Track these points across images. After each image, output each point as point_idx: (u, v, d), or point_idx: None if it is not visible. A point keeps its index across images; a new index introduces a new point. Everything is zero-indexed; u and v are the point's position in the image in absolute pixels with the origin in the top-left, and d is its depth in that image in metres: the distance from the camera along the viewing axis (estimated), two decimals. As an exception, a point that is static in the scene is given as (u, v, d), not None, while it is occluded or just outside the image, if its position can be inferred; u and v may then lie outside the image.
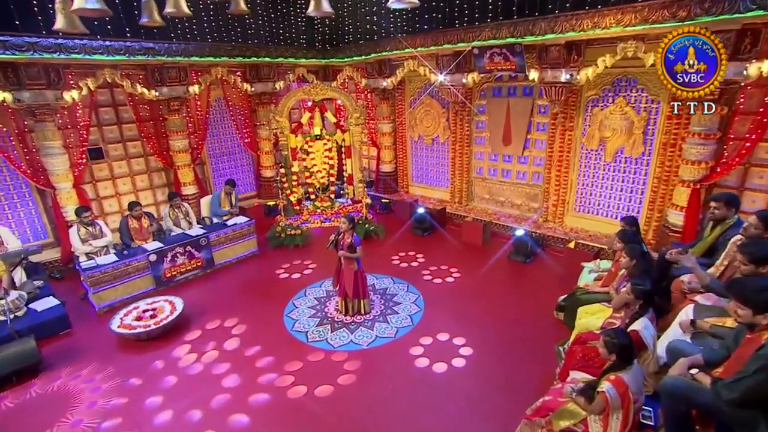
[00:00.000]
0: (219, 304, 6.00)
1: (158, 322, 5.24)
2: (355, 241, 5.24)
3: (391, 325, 5.31)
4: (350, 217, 5.33)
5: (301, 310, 5.77)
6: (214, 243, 7.02)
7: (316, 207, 9.29)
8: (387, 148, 10.04)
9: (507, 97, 7.88)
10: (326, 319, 5.50)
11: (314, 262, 7.14)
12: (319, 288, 6.34)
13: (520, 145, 7.90)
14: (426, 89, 9.12)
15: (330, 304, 5.85)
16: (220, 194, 7.79)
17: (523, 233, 6.95)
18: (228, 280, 6.77)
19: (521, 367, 4.49)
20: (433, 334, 5.05)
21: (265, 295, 6.20)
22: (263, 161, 9.82)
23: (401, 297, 5.95)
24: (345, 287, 5.40)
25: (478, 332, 5.05)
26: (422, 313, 5.54)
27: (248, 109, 9.58)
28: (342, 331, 5.23)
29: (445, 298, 5.91)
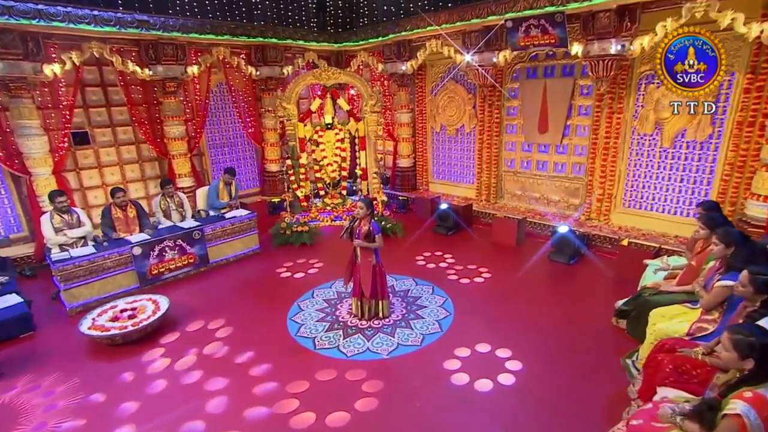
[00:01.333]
0: (213, 305, 5.34)
1: (137, 324, 4.55)
2: (373, 228, 4.56)
3: (415, 332, 4.58)
4: (368, 200, 4.67)
5: (308, 313, 5.07)
6: (210, 237, 6.36)
7: (326, 204, 8.64)
8: (405, 141, 9.41)
9: (543, 79, 7.24)
10: (337, 324, 4.80)
11: (321, 261, 6.51)
12: (329, 289, 5.66)
13: (559, 133, 7.22)
14: (450, 73, 8.51)
15: (342, 307, 5.15)
16: (218, 184, 7.16)
17: (567, 230, 6.19)
18: (225, 279, 6.11)
19: (583, 385, 3.71)
20: (470, 345, 4.29)
21: (267, 297, 5.54)
22: (268, 154, 9.24)
23: (426, 300, 5.25)
24: (361, 285, 4.70)
25: (525, 343, 4.29)
26: (452, 319, 4.83)
27: (252, 96, 9.04)
28: (356, 338, 4.51)
29: (479, 302, 5.19)
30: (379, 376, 3.91)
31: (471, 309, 5.03)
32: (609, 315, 4.71)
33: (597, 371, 3.89)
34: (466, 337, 4.43)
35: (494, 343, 4.29)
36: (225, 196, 7.22)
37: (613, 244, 6.42)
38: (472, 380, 3.79)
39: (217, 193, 7.15)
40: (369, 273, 4.64)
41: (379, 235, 4.59)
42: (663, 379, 3.06)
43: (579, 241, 6.25)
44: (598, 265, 6.10)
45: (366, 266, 4.65)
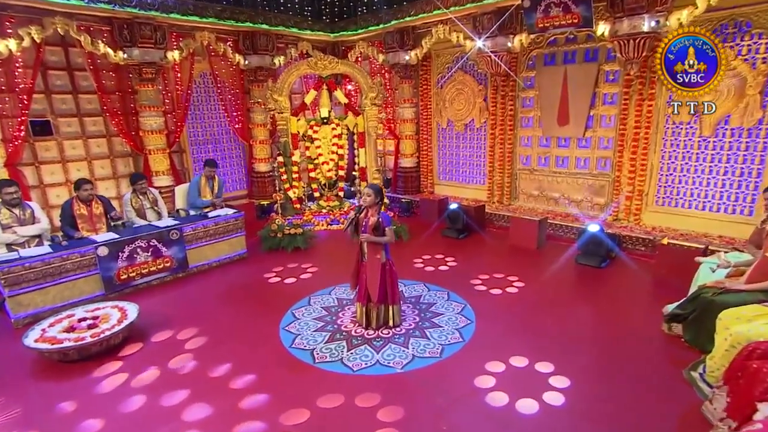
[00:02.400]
0: (192, 314, 4.77)
1: (98, 335, 3.91)
2: (383, 220, 4.05)
3: (433, 342, 4.04)
4: (376, 187, 4.15)
5: (304, 322, 4.51)
6: (190, 238, 5.78)
7: (321, 207, 8.10)
8: (408, 139, 8.98)
9: (563, 65, 6.87)
10: (340, 334, 4.24)
11: (315, 265, 6.00)
12: (328, 296, 5.09)
13: (581, 125, 6.82)
14: (458, 62, 8.13)
15: (343, 315, 4.61)
16: (200, 180, 6.59)
17: (599, 229, 5.70)
18: (207, 286, 5.55)
19: (645, 405, 3.17)
20: (503, 358, 3.73)
21: (256, 305, 5.00)
22: (257, 152, 8.72)
23: (441, 306, 4.74)
24: (367, 288, 4.14)
25: (568, 356, 3.75)
26: (474, 327, 4.27)
27: (240, 88, 8.56)
28: (363, 349, 3.94)
29: (504, 310, 4.71)
30: (393, 394, 3.32)
31: (496, 317, 4.52)
32: (657, 321, 4.23)
33: (657, 387, 3.36)
34: (496, 349, 3.88)
35: (531, 357, 3.73)
36: (207, 193, 6.65)
37: (647, 246, 5.97)
38: (513, 400, 3.20)
39: (199, 190, 6.57)
40: (377, 273, 4.11)
41: (389, 228, 4.07)
42: (764, 392, 2.52)
43: (611, 241, 5.74)
44: (633, 268, 5.63)
45: (373, 265, 4.12)
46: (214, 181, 6.71)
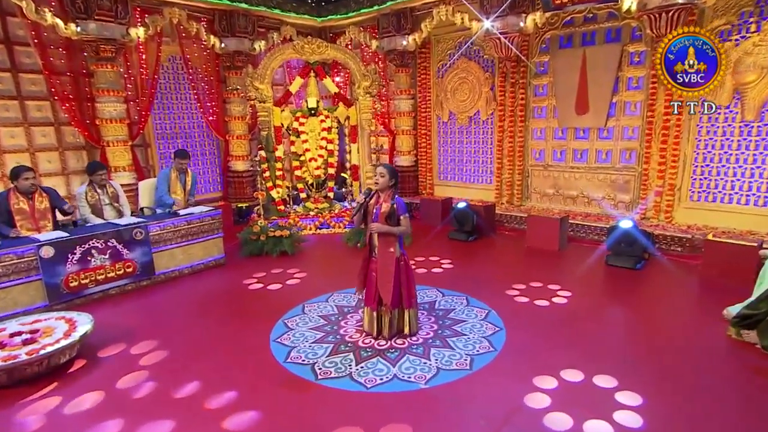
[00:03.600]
0: (157, 326, 4.23)
1: (34, 352, 3.29)
2: (398, 206, 3.63)
3: (458, 352, 3.57)
4: (390, 167, 3.73)
5: (300, 332, 4.00)
6: (157, 239, 5.22)
7: (308, 209, 7.61)
8: (405, 134, 8.64)
9: (581, 47, 6.63)
10: (345, 345, 3.75)
11: (303, 270, 5.61)
12: (326, 303, 4.61)
13: (603, 113, 6.56)
14: (462, 47, 7.83)
15: (347, 324, 4.13)
16: (169, 173, 6.02)
17: (632, 225, 5.36)
18: (177, 295, 5.01)
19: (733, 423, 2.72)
20: (551, 372, 3.27)
21: (238, 314, 4.51)
22: (233, 149, 8.20)
23: (461, 313, 4.33)
24: (378, 288, 3.65)
25: (629, 368, 3.31)
26: (504, 335, 3.84)
27: (215, 76, 8.08)
28: (375, 362, 3.46)
29: (538, 316, 4.31)
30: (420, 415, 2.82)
31: (528, 323, 4.12)
32: (718, 326, 3.87)
33: (745, 400, 2.93)
34: (538, 361, 3.42)
35: (586, 369, 3.26)
36: (178, 189, 6.07)
37: (684, 246, 5.65)
38: (578, 422, 2.71)
39: (168, 185, 5.99)
40: (390, 270, 3.64)
41: (405, 216, 3.64)
42: None
43: (646, 238, 5.39)
44: (673, 269, 5.31)
45: (385, 261, 3.65)
46: (186, 176, 6.14)
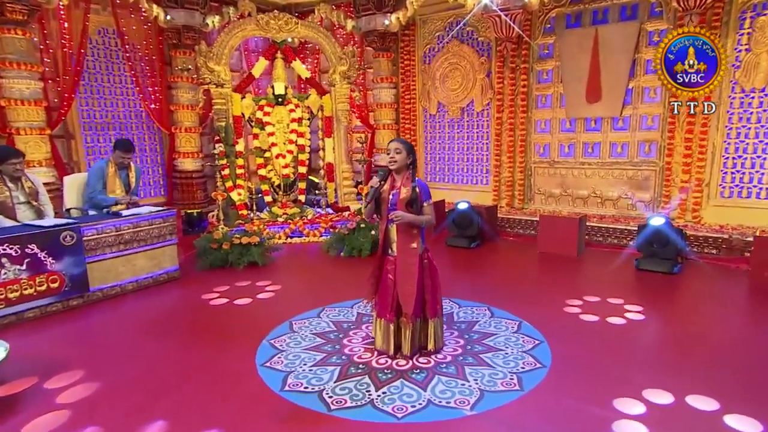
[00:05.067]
0: (104, 354, 3.71)
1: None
2: (422, 190, 3.34)
3: (500, 370, 3.31)
4: (407, 143, 3.43)
5: (293, 354, 3.62)
6: (92, 245, 4.69)
7: (275, 215, 7.19)
8: (386, 129, 8.47)
9: (592, 27, 6.65)
10: (355, 367, 3.39)
11: (275, 282, 5.28)
12: (318, 319, 4.26)
13: (618, 100, 6.58)
14: (454, 28, 7.77)
15: (351, 341, 3.81)
16: (105, 167, 5.44)
17: (664, 222, 5.27)
18: (122, 317, 4.49)
19: None
20: (630, 393, 2.96)
21: (210, 336, 4.06)
22: (181, 144, 7.70)
23: (487, 325, 4.14)
24: (396, 295, 3.35)
25: (725, 387, 3.00)
26: (548, 349, 3.60)
27: (158, 55, 7.66)
28: (400, 386, 3.13)
29: (579, 329, 4.09)
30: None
31: (570, 335, 3.89)
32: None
33: None
34: (606, 380, 3.13)
35: (673, 389, 2.98)
36: (117, 187, 5.49)
37: (720, 247, 5.63)
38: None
39: (104, 180, 5.41)
40: (413, 271, 3.32)
41: (429, 203, 3.38)
42: None
43: (680, 238, 5.31)
44: (714, 272, 5.28)
45: (407, 259, 3.34)
46: (128, 172, 5.60)
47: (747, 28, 5.63)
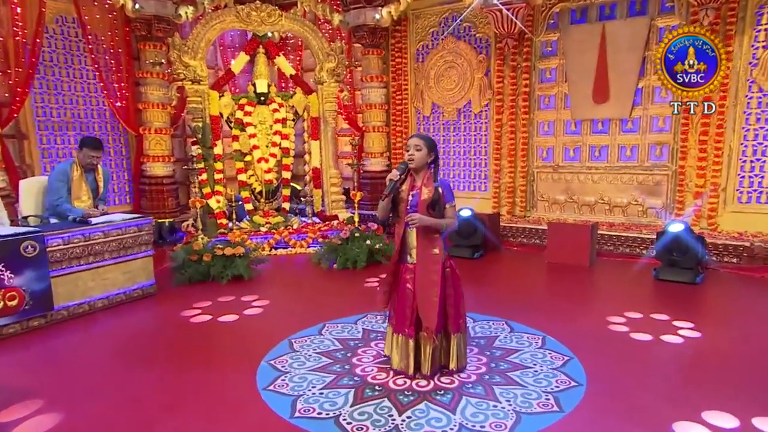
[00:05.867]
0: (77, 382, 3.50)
1: None
2: (444, 190, 3.30)
3: (533, 390, 3.24)
4: (428, 138, 3.36)
5: (299, 376, 3.47)
6: (58, 257, 4.47)
7: (256, 225, 7.02)
8: (376, 131, 8.48)
9: (599, 23, 6.75)
10: (371, 389, 3.29)
11: (263, 297, 5.17)
12: (320, 336, 4.15)
13: (627, 101, 6.67)
14: (449, 25, 7.80)
15: (361, 360, 3.74)
16: (69, 171, 5.16)
17: (684, 228, 5.29)
18: (94, 338, 4.29)
19: None
20: (687, 415, 2.86)
21: (198, 358, 3.89)
22: (150, 146, 7.54)
23: (508, 341, 4.06)
24: (415, 306, 3.23)
25: None
26: (580, 365, 3.52)
27: (125, 47, 7.52)
28: (425, 409, 3.05)
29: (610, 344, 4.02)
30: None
31: (602, 351, 3.81)
32: None
33: None
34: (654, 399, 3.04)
35: (737, 411, 2.88)
36: (84, 193, 5.21)
37: (741, 255, 5.68)
38: None
39: (68, 185, 5.14)
40: (435, 279, 3.21)
41: (452, 204, 3.34)
42: None
43: (701, 245, 5.31)
44: (739, 282, 5.31)
45: (427, 266, 3.24)
46: (96, 175, 5.35)
47: (765, 24, 5.74)
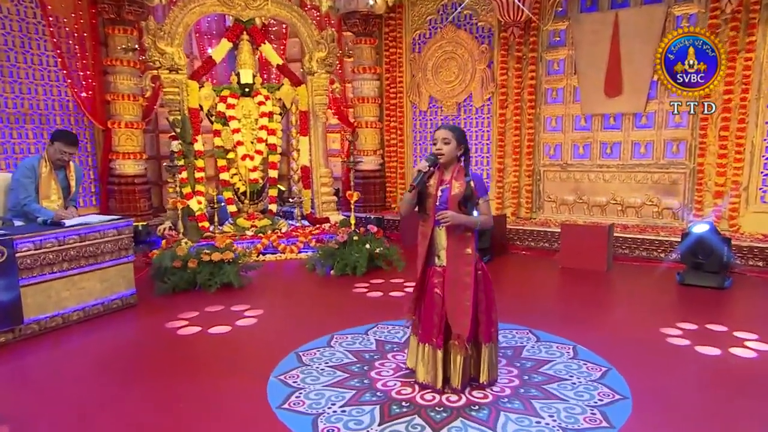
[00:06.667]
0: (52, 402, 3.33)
1: None
2: (477, 184, 3.19)
3: (575, 404, 3.15)
4: (458, 129, 3.28)
5: (315, 392, 3.37)
6: (28, 264, 4.27)
7: (241, 228, 6.92)
8: (368, 127, 8.49)
9: (611, 11, 6.90)
10: (398, 406, 3.20)
11: (255, 307, 5.09)
12: (329, 348, 4.08)
13: (641, 95, 6.79)
14: (448, 12, 7.87)
15: (380, 374, 3.63)
16: (37, 167, 4.95)
17: (709, 229, 5.30)
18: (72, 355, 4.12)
19: None
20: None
21: (195, 374, 3.75)
22: (120, 142, 7.35)
23: (536, 351, 3.99)
24: (444, 312, 3.15)
25: None
26: (619, 375, 3.48)
27: (91, 32, 7.36)
28: (462, 427, 2.96)
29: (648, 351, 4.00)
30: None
31: (641, 360, 3.77)
32: None
33: None
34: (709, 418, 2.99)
35: None
36: (54, 192, 5.01)
37: (767, 259, 5.70)
38: None
39: (36, 182, 4.93)
40: (467, 282, 3.12)
41: (486, 200, 3.24)
42: None
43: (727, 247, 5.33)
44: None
45: (459, 268, 3.15)
46: (67, 172, 5.14)
47: (790, 12, 5.87)
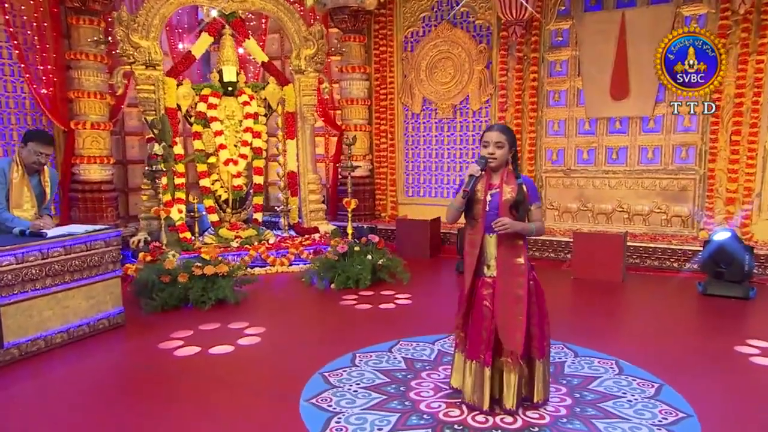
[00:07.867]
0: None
1: None
2: (530, 189, 3.23)
3: (639, 424, 3.18)
4: (509, 131, 3.32)
5: (356, 416, 3.34)
6: (8, 281, 4.14)
7: (224, 239, 6.82)
8: (357, 130, 8.49)
9: (617, 10, 7.05)
10: (450, 429, 3.21)
11: (255, 324, 5.10)
12: (355, 368, 4.06)
13: (649, 98, 6.94)
14: (442, 9, 7.97)
15: (420, 394, 3.63)
16: (8, 170, 4.79)
17: (731, 236, 5.46)
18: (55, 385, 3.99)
19: None
20: None
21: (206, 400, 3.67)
22: (84, 145, 7.21)
23: (580, 367, 4.02)
24: (494, 326, 3.15)
25: None
26: (675, 392, 3.54)
27: (53, 23, 7.24)
28: None
29: (696, 366, 4.07)
30: None
31: (696, 375, 3.86)
32: None
33: None
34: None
35: None
36: (26, 200, 4.84)
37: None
38: None
39: (7, 193, 4.75)
40: (520, 294, 3.13)
41: (538, 206, 3.28)
42: None
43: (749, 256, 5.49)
44: None
45: (511, 278, 3.15)
46: (41, 177, 4.97)
47: (803, 14, 6.10)
